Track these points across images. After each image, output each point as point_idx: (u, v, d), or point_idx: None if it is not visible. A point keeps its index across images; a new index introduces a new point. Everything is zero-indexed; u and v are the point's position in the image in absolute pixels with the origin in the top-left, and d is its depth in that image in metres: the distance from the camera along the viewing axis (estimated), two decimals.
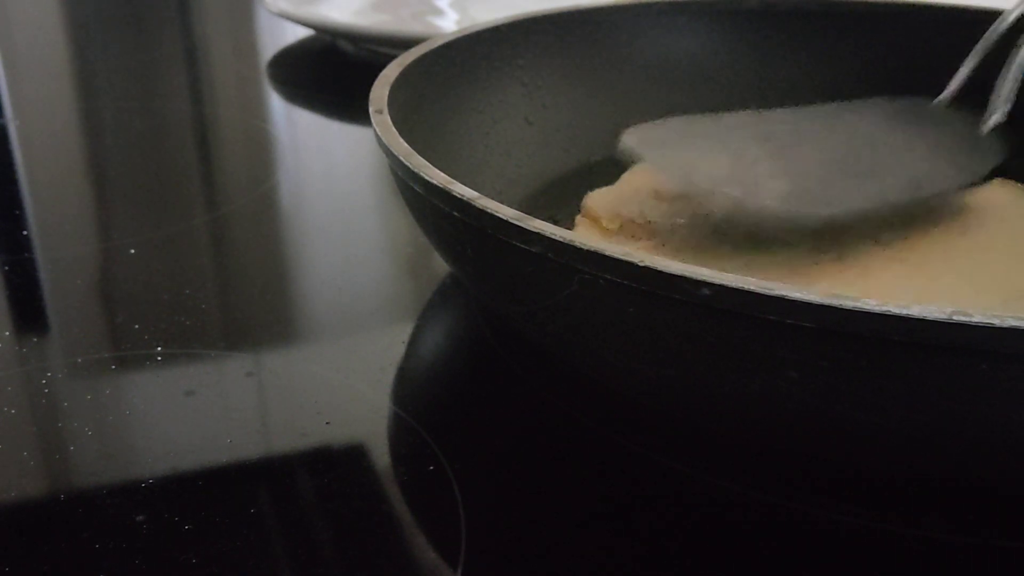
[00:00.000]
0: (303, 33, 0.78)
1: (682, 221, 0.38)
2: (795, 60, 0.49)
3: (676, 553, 0.26)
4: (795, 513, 0.27)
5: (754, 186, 0.36)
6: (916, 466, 0.26)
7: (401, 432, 0.30)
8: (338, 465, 0.29)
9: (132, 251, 0.41)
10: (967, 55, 0.44)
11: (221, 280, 0.40)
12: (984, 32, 0.44)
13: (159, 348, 0.34)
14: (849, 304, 0.20)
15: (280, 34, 0.80)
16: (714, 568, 0.25)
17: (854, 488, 0.28)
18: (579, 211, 0.40)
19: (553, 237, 0.24)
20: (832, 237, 0.37)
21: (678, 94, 0.49)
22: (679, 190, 0.39)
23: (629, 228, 0.38)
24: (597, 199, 0.40)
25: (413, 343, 0.35)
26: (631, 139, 0.37)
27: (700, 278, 0.21)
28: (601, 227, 0.38)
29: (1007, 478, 0.26)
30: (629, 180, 0.43)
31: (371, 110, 0.33)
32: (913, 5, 0.49)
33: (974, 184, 0.40)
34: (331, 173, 0.52)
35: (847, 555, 0.26)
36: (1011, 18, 0.42)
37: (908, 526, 0.26)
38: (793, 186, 0.36)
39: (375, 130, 0.32)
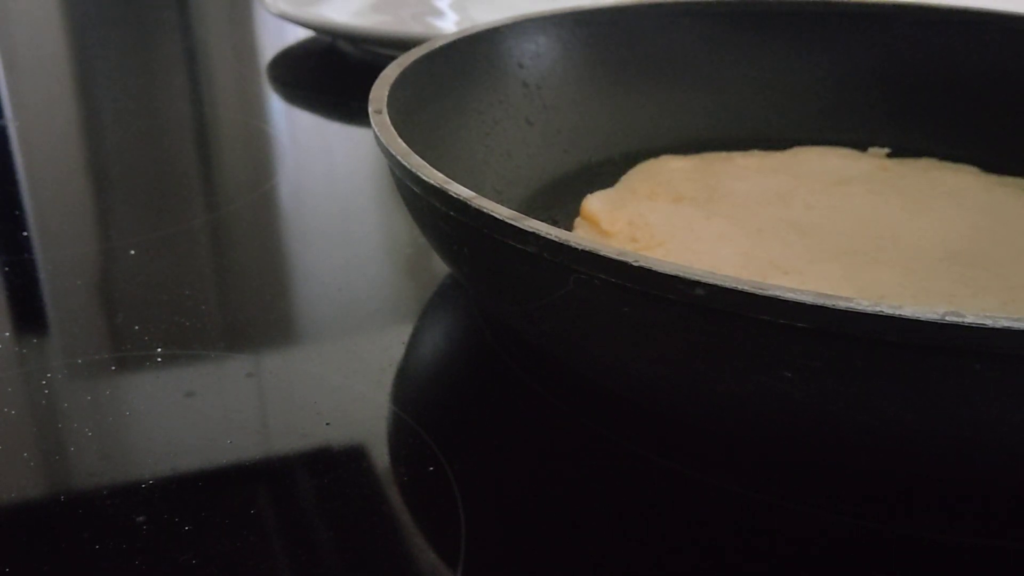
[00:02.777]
0: (303, 34, 0.78)
1: (681, 224, 0.38)
2: (797, 61, 0.49)
3: (675, 553, 0.26)
4: (795, 513, 0.27)
5: None
6: (912, 466, 0.26)
7: (401, 432, 0.30)
8: (338, 466, 0.29)
9: (132, 251, 0.41)
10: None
11: (221, 280, 0.40)
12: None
13: (159, 349, 0.34)
14: (842, 304, 0.20)
15: (280, 35, 0.80)
16: (714, 568, 0.25)
17: (852, 488, 0.28)
18: (578, 212, 0.40)
19: (548, 237, 0.24)
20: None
21: (679, 95, 0.49)
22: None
23: (628, 230, 0.38)
24: (596, 201, 0.40)
25: (413, 344, 0.35)
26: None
27: (694, 278, 0.22)
28: (600, 229, 0.38)
29: (1002, 478, 0.26)
30: (628, 182, 0.43)
31: (370, 110, 0.33)
32: (914, 6, 0.49)
33: None
34: (331, 174, 0.52)
35: (846, 555, 0.26)
36: None
37: (907, 526, 0.26)
38: None
39: (374, 130, 0.32)
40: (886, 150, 0.47)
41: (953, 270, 0.35)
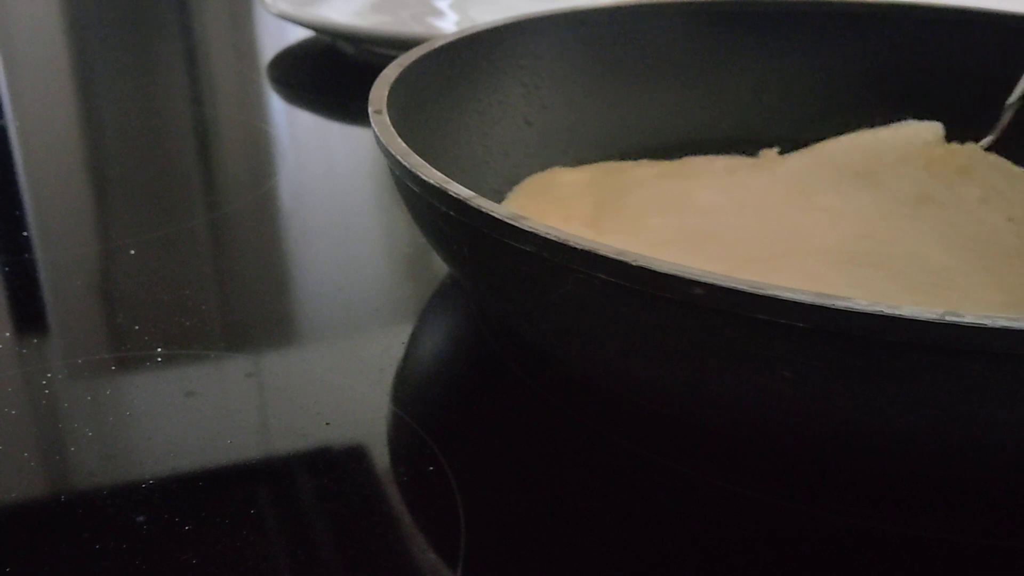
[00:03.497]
0: (303, 34, 0.78)
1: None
2: (796, 61, 0.49)
3: (675, 553, 0.26)
4: (795, 513, 0.27)
5: None
6: (911, 465, 0.26)
7: (401, 432, 0.30)
8: (338, 466, 0.29)
9: (132, 251, 0.41)
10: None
11: (221, 280, 0.40)
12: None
13: (159, 349, 0.34)
14: (841, 304, 0.20)
15: (280, 35, 0.80)
16: (714, 568, 0.25)
17: (852, 488, 0.28)
18: None
19: (547, 236, 0.24)
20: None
21: (678, 95, 0.49)
22: None
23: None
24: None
25: (412, 344, 0.35)
26: None
27: (692, 278, 0.22)
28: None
29: (1001, 477, 0.26)
30: (515, 199, 0.41)
31: (370, 110, 0.33)
32: (913, 6, 0.49)
33: None
34: (331, 173, 0.52)
35: (846, 555, 0.26)
36: None
37: (907, 526, 0.27)
38: None
39: (374, 130, 0.32)
40: (776, 149, 0.46)
41: (849, 272, 0.34)
